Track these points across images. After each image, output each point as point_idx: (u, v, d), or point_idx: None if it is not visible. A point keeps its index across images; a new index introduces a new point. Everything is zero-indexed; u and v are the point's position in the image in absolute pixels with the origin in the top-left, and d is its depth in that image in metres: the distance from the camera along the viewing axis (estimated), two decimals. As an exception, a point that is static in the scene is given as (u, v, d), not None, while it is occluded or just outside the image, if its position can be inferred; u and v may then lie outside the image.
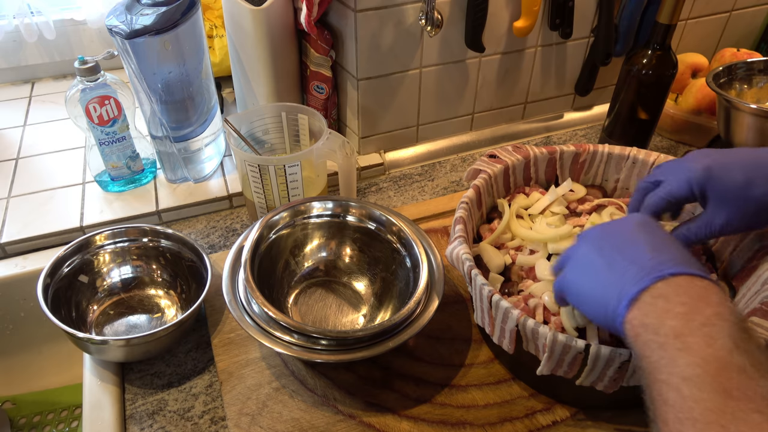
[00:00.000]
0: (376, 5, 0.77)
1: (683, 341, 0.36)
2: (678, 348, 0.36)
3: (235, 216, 0.86)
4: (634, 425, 0.57)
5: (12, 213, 0.82)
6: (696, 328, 0.36)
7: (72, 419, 0.85)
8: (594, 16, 0.94)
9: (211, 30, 1.04)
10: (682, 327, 0.36)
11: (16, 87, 1.14)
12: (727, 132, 0.82)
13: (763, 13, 1.10)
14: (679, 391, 0.34)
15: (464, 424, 0.58)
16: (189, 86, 0.79)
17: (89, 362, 0.65)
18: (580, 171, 0.73)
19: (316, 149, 0.73)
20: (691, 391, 0.34)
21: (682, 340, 0.36)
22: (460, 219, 0.62)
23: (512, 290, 0.61)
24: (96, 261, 0.71)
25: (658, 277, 0.40)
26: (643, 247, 0.43)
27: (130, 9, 0.72)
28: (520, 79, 0.96)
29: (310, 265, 0.71)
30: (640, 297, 0.40)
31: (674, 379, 0.35)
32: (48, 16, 1.06)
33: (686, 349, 0.35)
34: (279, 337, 0.56)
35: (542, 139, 1.03)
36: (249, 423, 0.57)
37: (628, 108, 0.87)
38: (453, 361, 0.64)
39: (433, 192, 0.91)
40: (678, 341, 0.36)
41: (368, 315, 0.68)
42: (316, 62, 0.87)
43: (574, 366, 0.51)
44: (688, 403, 0.33)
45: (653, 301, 0.39)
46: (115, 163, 0.83)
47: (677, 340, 0.36)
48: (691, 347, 0.35)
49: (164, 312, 0.71)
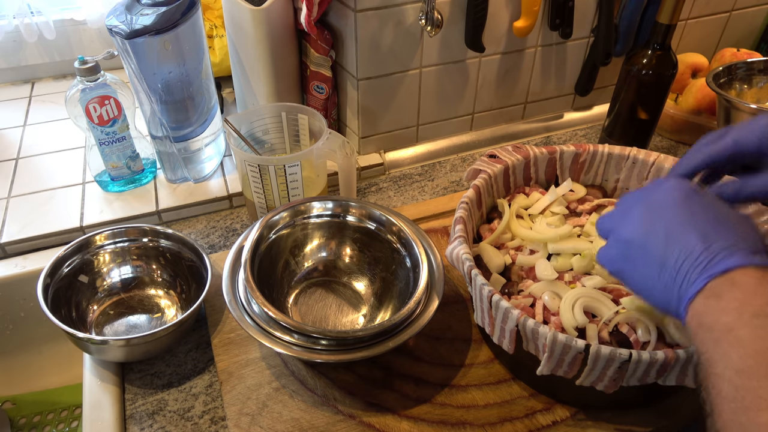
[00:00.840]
0: (376, 5, 0.77)
1: (735, 335, 0.36)
2: (731, 342, 0.36)
3: (235, 216, 0.86)
4: (634, 425, 0.57)
5: (12, 213, 0.82)
6: (747, 320, 0.36)
7: (72, 419, 0.85)
8: (594, 16, 0.94)
9: (211, 30, 1.04)
10: (734, 321, 0.37)
11: (16, 87, 1.14)
12: None
13: (763, 13, 1.10)
14: (732, 383, 0.35)
15: (464, 424, 0.58)
16: (189, 86, 0.79)
17: (89, 362, 0.65)
18: (580, 171, 0.73)
19: (316, 149, 0.73)
20: (744, 381, 0.35)
21: (734, 334, 0.36)
22: (460, 219, 0.62)
23: (512, 290, 0.61)
24: (96, 261, 0.71)
25: (710, 276, 0.40)
26: (693, 234, 0.42)
27: (130, 9, 0.72)
28: (520, 79, 0.96)
29: (310, 265, 0.71)
30: (695, 299, 0.40)
31: (728, 372, 0.36)
32: (48, 16, 1.06)
33: (738, 342, 0.36)
34: (279, 337, 0.56)
35: (542, 139, 1.03)
36: (249, 423, 0.57)
37: (628, 108, 0.87)
38: (453, 361, 0.64)
39: (433, 192, 0.91)
40: (730, 336, 0.37)
41: (368, 315, 0.68)
42: (316, 62, 0.87)
43: (574, 366, 0.51)
44: (741, 393, 0.34)
45: (706, 302, 0.39)
46: (115, 163, 0.83)
47: (729, 334, 0.37)
48: (742, 340, 0.36)
49: (164, 312, 0.71)
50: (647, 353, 0.48)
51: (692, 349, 0.48)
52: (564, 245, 0.62)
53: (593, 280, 0.59)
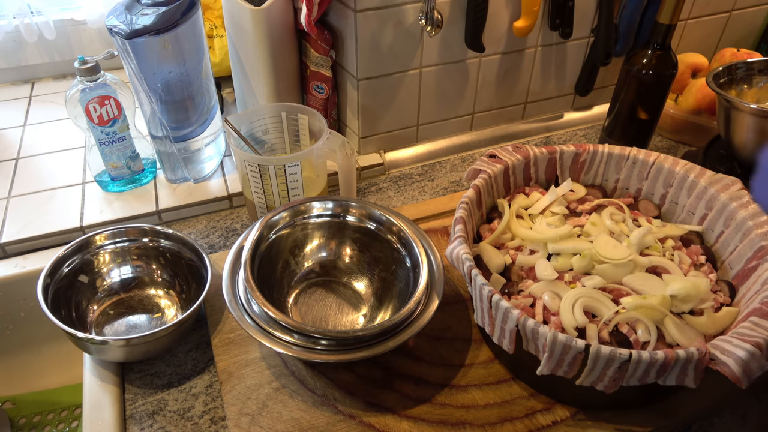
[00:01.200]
0: (376, 5, 0.77)
1: None
2: None
3: (235, 216, 0.86)
4: (634, 425, 0.57)
5: (12, 213, 0.82)
6: None
7: (72, 419, 0.85)
8: (594, 16, 0.94)
9: (211, 30, 1.04)
10: None
11: (16, 87, 1.14)
12: (727, 132, 0.82)
13: (763, 13, 1.10)
14: None
15: (464, 424, 0.58)
16: (189, 86, 0.79)
17: (89, 362, 0.65)
18: (580, 171, 0.73)
19: (316, 149, 0.73)
20: None
21: None
22: (460, 219, 0.62)
23: (512, 290, 0.61)
24: (96, 261, 0.71)
25: None
26: None
27: (130, 9, 0.72)
28: (520, 79, 0.96)
29: (310, 265, 0.71)
30: None
31: None
32: (48, 16, 1.06)
33: None
34: (279, 337, 0.56)
35: (542, 139, 1.03)
36: (249, 423, 0.57)
37: (628, 108, 0.87)
38: (453, 361, 0.64)
39: (433, 192, 0.91)
40: None
41: (368, 315, 0.68)
42: (316, 62, 0.87)
43: (574, 366, 0.51)
44: None
45: None
46: (115, 163, 0.83)
47: None
48: None
49: (164, 312, 0.71)
50: (647, 353, 0.48)
51: (692, 350, 0.48)
52: (564, 245, 0.62)
53: (593, 280, 0.59)
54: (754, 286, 0.57)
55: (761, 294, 0.54)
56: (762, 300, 0.53)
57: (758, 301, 0.54)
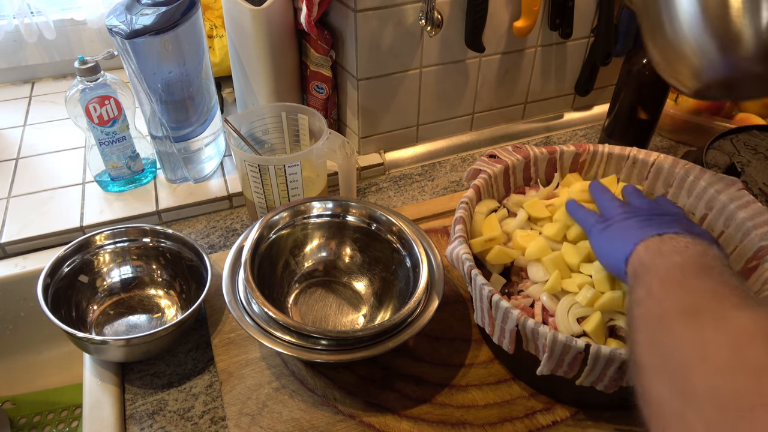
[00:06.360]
0: (376, 5, 0.77)
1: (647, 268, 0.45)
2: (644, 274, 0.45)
3: (235, 216, 0.86)
4: (634, 425, 0.57)
5: (12, 213, 0.82)
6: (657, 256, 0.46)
7: (72, 419, 0.85)
8: (594, 16, 0.94)
9: (211, 30, 1.04)
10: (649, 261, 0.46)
11: (16, 87, 1.14)
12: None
13: (763, 13, 1.10)
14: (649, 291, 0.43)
15: (464, 424, 0.58)
16: (189, 86, 0.79)
17: (89, 362, 0.65)
18: (580, 171, 0.73)
19: (316, 149, 0.73)
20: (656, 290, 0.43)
21: (647, 268, 0.46)
22: (460, 219, 0.62)
23: (512, 290, 0.61)
24: (96, 261, 0.71)
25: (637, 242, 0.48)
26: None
27: (130, 9, 0.72)
28: (520, 79, 0.96)
29: (310, 265, 0.71)
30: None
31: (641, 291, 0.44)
32: (48, 16, 1.06)
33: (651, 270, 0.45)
34: (279, 337, 0.56)
35: (542, 139, 1.03)
36: (249, 423, 0.57)
37: (628, 108, 0.87)
38: (453, 361, 0.64)
39: (433, 192, 0.91)
40: (643, 268, 0.46)
41: (368, 315, 0.68)
42: (316, 62, 0.87)
43: (574, 366, 0.51)
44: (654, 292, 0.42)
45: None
46: (115, 163, 0.83)
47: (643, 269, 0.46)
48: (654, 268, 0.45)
49: (164, 312, 0.71)
50: (647, 353, 0.48)
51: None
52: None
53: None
54: (754, 286, 0.57)
55: (761, 294, 0.54)
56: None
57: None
